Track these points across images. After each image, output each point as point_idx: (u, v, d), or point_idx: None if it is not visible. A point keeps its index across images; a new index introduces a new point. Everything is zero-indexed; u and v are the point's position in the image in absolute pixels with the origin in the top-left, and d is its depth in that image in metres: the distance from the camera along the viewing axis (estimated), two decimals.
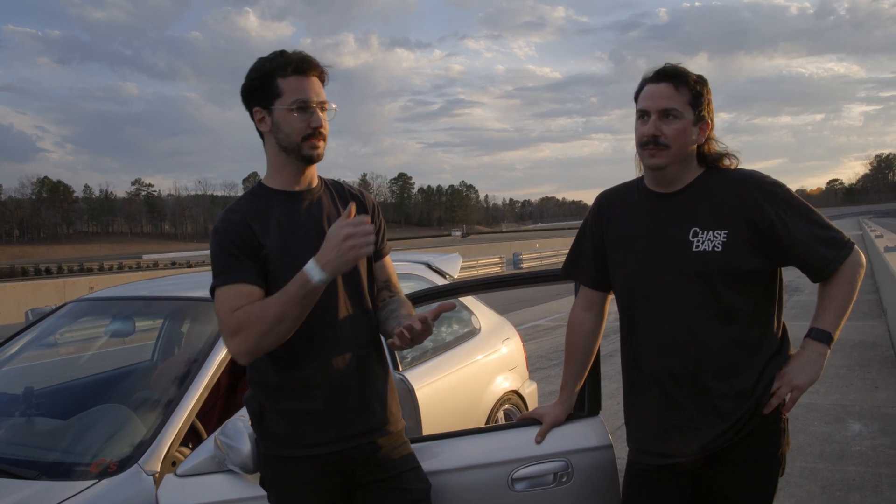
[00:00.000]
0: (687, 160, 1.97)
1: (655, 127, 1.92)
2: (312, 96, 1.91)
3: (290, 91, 1.89)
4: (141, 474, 2.23)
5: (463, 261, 4.90)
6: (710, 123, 1.98)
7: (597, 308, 2.22)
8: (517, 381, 4.36)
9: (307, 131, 1.90)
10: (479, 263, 28.18)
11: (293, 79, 1.89)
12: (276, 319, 1.77)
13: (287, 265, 1.86)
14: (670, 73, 1.94)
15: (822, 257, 1.92)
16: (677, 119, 1.92)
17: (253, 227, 1.90)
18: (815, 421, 5.53)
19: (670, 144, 1.92)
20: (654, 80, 1.96)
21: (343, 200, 2.04)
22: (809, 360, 1.93)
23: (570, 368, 2.26)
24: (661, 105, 1.92)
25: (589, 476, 2.29)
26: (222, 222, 1.91)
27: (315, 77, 1.94)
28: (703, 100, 1.94)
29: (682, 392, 1.96)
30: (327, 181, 2.09)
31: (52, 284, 19.53)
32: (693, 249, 1.92)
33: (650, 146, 1.93)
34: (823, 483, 4.28)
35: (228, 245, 1.87)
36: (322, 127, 1.93)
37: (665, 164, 1.94)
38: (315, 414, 1.92)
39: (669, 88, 1.93)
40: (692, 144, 1.96)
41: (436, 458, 2.25)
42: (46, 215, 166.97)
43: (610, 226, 2.10)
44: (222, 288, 1.84)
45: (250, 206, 1.95)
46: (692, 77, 1.95)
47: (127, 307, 3.44)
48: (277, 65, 1.90)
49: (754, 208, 1.90)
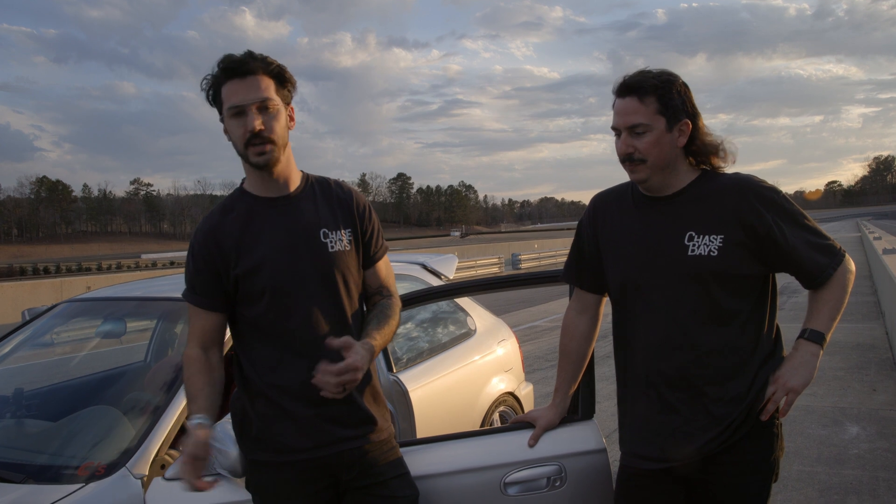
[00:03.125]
0: (671, 166, 1.93)
1: (626, 144, 1.90)
2: (245, 98, 1.83)
3: (227, 97, 1.85)
4: (129, 478, 2.21)
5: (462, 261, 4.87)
6: (689, 123, 1.91)
7: (591, 311, 2.19)
8: (513, 382, 4.34)
9: (246, 136, 1.84)
10: (477, 264, 28.16)
11: (230, 84, 1.85)
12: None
13: (250, 273, 1.90)
14: (632, 86, 1.89)
15: (818, 264, 1.90)
16: (647, 132, 1.88)
17: (220, 239, 1.92)
18: (813, 424, 5.51)
19: (646, 158, 1.89)
20: (619, 95, 1.92)
21: (328, 202, 2.00)
22: (803, 362, 1.91)
23: (564, 372, 2.24)
24: (629, 122, 1.89)
25: (583, 480, 2.26)
26: (197, 230, 1.98)
27: (259, 76, 1.84)
28: (673, 102, 1.88)
29: (675, 395, 1.93)
30: (315, 180, 2.04)
31: (49, 284, 19.50)
32: (689, 254, 1.90)
33: (627, 163, 1.92)
34: (821, 487, 4.25)
35: (190, 259, 1.97)
36: (263, 130, 1.84)
37: (646, 177, 1.92)
38: (295, 420, 1.90)
39: (634, 102, 1.88)
40: (672, 151, 1.91)
41: (426, 462, 2.23)
42: (45, 215, 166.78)
43: (605, 229, 2.07)
44: (189, 305, 1.98)
45: (224, 213, 1.96)
46: (655, 83, 1.88)
47: (120, 308, 3.41)
48: (219, 71, 1.86)
49: (752, 213, 1.87)
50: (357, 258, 2.01)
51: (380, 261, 2.07)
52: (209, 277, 1.92)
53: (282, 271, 1.90)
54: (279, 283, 1.89)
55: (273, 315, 1.90)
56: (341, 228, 1.98)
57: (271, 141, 1.85)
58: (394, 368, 3.42)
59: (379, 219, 2.11)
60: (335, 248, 1.95)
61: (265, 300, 1.89)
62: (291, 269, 1.90)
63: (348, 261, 1.97)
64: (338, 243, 1.96)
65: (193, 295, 1.95)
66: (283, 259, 1.87)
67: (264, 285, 1.89)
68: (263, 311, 1.90)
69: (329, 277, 1.93)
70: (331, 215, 1.98)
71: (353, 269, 1.99)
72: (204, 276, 1.93)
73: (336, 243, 1.96)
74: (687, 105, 1.90)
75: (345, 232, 1.98)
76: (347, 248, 1.98)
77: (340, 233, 1.98)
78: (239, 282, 1.90)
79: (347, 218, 2.01)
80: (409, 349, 3.86)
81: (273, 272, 1.89)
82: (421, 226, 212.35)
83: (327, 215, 1.98)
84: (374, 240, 2.06)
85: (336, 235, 1.96)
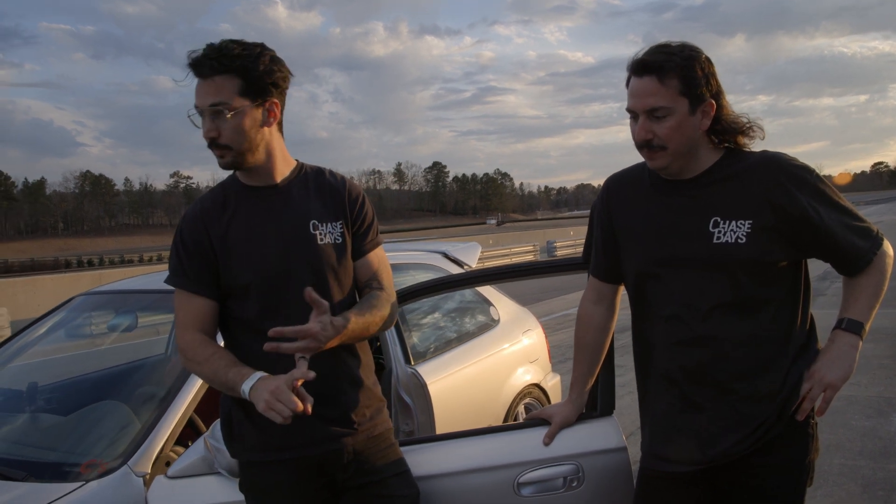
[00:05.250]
0: (693, 150, 1.76)
1: (645, 130, 1.73)
2: (200, 102, 1.73)
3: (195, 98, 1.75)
4: (131, 476, 2.15)
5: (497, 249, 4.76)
6: (713, 103, 1.73)
7: (607, 301, 2.05)
8: (539, 373, 4.21)
9: (206, 141, 1.76)
10: (512, 251, 27.92)
11: (196, 84, 1.74)
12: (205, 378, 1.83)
13: (236, 265, 1.80)
14: (651, 65, 1.70)
15: (857, 248, 1.73)
16: (668, 116, 1.70)
17: (208, 225, 1.82)
18: (856, 414, 5.27)
19: (666, 145, 1.72)
20: (636, 73, 1.74)
21: (320, 192, 1.90)
22: (841, 354, 1.74)
23: (581, 365, 2.11)
24: (647, 104, 1.71)
25: (601, 480, 2.13)
26: (185, 216, 1.88)
27: (216, 77, 1.71)
28: (697, 80, 1.70)
29: (699, 393, 1.79)
30: (309, 170, 1.94)
31: (90, 276, 19.87)
32: (714, 241, 1.74)
33: (645, 150, 1.75)
34: (864, 482, 4.04)
35: (179, 244, 1.84)
36: (216, 137, 1.74)
37: (666, 165, 1.76)
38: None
39: (653, 83, 1.70)
40: (694, 135, 1.74)
41: (436, 461, 2.13)
42: (89, 208, 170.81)
43: (619, 214, 1.93)
44: (175, 290, 1.84)
45: (214, 201, 1.86)
46: (677, 60, 1.69)
47: (139, 300, 3.38)
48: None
49: (783, 195, 1.70)
50: (349, 251, 1.90)
51: (371, 252, 1.95)
52: (200, 262, 1.81)
53: (267, 265, 1.80)
54: (264, 278, 1.80)
55: (260, 310, 1.80)
56: (333, 220, 1.88)
57: (226, 146, 1.75)
58: (412, 361, 3.33)
59: (375, 208, 2.00)
60: (325, 241, 1.85)
61: (251, 295, 1.81)
62: (277, 262, 1.80)
63: (339, 254, 1.87)
64: (328, 236, 1.86)
65: (185, 280, 1.82)
66: (268, 252, 1.78)
67: (249, 280, 1.80)
68: (250, 306, 1.81)
69: (319, 272, 1.82)
70: (322, 206, 1.88)
71: (345, 263, 1.89)
72: (196, 262, 1.81)
73: (326, 236, 1.85)
74: (711, 83, 1.72)
75: (336, 224, 1.88)
76: (339, 241, 1.87)
77: (331, 225, 1.87)
78: (223, 274, 1.81)
79: (339, 209, 1.90)
80: (428, 340, 3.76)
81: (258, 266, 1.80)
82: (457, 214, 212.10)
83: (318, 206, 1.87)
84: (367, 232, 1.94)
85: (326, 228, 1.86)
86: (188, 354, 1.79)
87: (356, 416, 1.87)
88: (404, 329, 3.20)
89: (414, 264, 3.96)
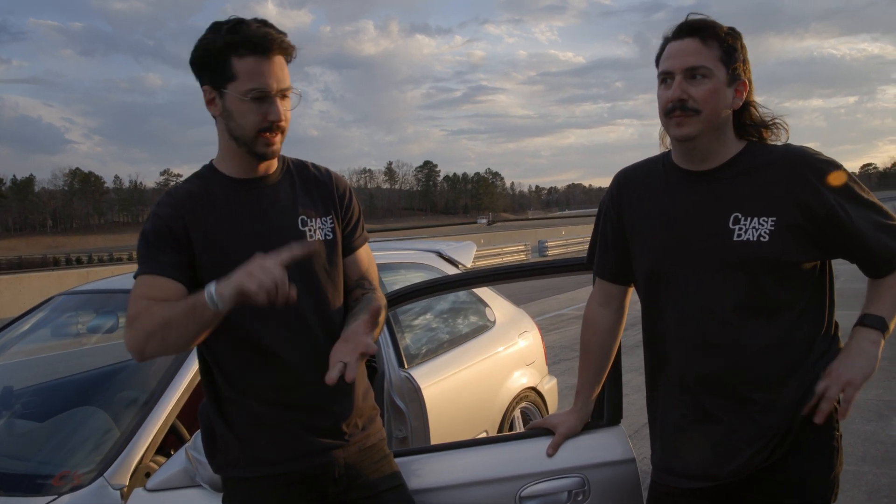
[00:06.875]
0: (721, 129, 1.66)
1: (681, 89, 1.62)
2: (273, 84, 1.60)
3: (247, 76, 1.59)
4: (107, 488, 2.02)
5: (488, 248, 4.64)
6: (747, 84, 1.67)
7: (615, 303, 1.93)
8: (535, 376, 4.10)
9: (263, 125, 1.62)
10: (503, 251, 27.81)
11: (251, 60, 1.59)
12: (164, 324, 1.52)
13: (218, 261, 1.63)
14: (696, 25, 1.64)
15: (889, 249, 1.62)
16: (707, 78, 1.61)
17: (185, 218, 1.65)
18: (856, 419, 5.17)
19: (700, 109, 1.61)
20: (677, 37, 1.66)
21: (306, 187, 1.77)
22: (861, 350, 1.63)
23: (587, 372, 1.99)
24: (687, 63, 1.62)
25: (608, 494, 2.01)
26: (156, 209, 1.68)
27: (280, 57, 1.62)
28: (736, 55, 1.63)
29: (716, 402, 1.67)
30: (292, 163, 1.81)
31: (76, 274, 19.63)
32: (734, 239, 1.63)
33: (676, 112, 1.63)
34: (868, 488, 3.95)
35: (153, 237, 1.64)
36: (281, 120, 1.63)
37: (695, 134, 1.64)
38: (270, 430, 1.68)
39: (696, 43, 1.62)
40: (726, 109, 1.65)
41: (434, 473, 2.01)
42: (78, 206, 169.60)
43: (631, 209, 1.81)
44: (140, 276, 1.62)
45: (190, 193, 1.70)
46: (722, 29, 1.64)
47: (121, 301, 3.23)
48: (233, 41, 1.59)
49: (809, 191, 1.59)
50: (339, 248, 1.78)
51: (360, 249, 1.84)
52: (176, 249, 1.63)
53: None
54: None
55: (243, 312, 1.65)
56: (322, 215, 1.75)
57: (284, 131, 1.66)
58: (405, 364, 3.20)
59: (362, 205, 1.88)
60: (315, 238, 1.72)
61: None
62: None
63: (331, 251, 1.74)
64: (318, 232, 1.73)
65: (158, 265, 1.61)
66: (253, 250, 1.64)
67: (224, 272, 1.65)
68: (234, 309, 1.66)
69: (309, 271, 1.69)
70: (311, 202, 1.75)
71: (336, 261, 1.76)
72: (171, 248, 1.63)
73: (316, 231, 1.73)
74: (747, 66, 1.67)
75: (326, 219, 1.75)
76: (329, 237, 1.75)
77: (321, 220, 1.75)
78: (202, 273, 1.65)
79: (328, 203, 1.78)
80: (422, 343, 3.63)
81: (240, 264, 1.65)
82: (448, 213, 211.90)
83: (307, 201, 1.75)
84: (355, 227, 1.83)
85: (316, 223, 1.73)
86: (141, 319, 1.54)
87: (347, 426, 1.75)
88: (397, 330, 3.08)
89: (407, 264, 3.84)
